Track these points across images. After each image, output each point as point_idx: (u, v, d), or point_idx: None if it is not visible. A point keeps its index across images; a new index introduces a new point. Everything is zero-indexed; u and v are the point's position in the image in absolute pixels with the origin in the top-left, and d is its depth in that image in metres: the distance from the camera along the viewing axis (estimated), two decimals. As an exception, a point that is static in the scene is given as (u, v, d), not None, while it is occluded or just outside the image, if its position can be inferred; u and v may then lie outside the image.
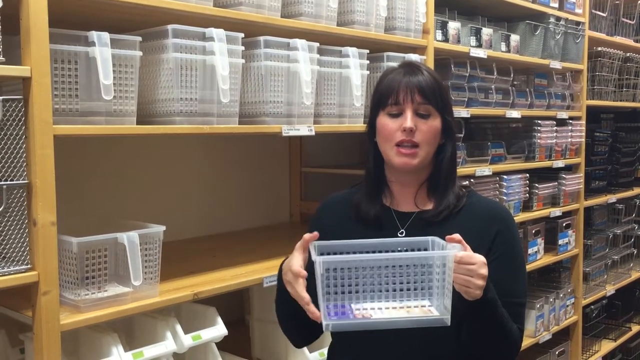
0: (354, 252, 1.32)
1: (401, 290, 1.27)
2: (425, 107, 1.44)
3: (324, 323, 1.23)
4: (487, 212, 1.51)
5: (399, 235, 1.49)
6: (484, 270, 1.26)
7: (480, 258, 1.27)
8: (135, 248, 1.60)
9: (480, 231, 1.47)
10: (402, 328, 1.26)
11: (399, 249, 1.34)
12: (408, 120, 1.42)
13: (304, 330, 1.53)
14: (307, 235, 1.33)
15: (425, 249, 1.32)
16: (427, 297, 1.26)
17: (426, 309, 1.25)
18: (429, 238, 1.32)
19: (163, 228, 1.69)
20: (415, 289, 1.26)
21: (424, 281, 1.25)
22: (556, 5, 3.29)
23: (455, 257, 1.23)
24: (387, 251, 1.33)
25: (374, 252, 1.33)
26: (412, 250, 1.33)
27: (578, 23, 3.48)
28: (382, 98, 1.47)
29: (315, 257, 1.24)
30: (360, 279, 1.26)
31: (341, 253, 1.32)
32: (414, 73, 1.45)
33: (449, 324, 1.23)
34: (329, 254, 1.31)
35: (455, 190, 1.52)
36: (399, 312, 1.25)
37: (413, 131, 1.42)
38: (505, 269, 1.45)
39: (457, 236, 1.27)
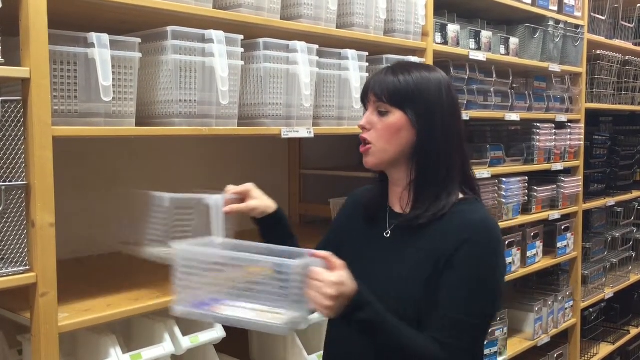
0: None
1: (258, 292, 1.29)
2: (381, 104, 1.45)
3: (174, 308, 1.34)
4: (465, 221, 1.41)
5: (385, 235, 1.50)
6: (331, 290, 1.22)
7: (329, 277, 1.23)
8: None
9: (450, 240, 1.39)
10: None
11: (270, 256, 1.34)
12: (363, 119, 1.48)
13: None
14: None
15: None
16: (285, 305, 1.27)
17: (278, 315, 1.27)
18: (306, 250, 1.32)
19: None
20: (270, 294, 1.28)
21: (275, 287, 1.27)
22: (555, 8, 3.30)
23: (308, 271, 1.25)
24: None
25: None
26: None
27: (577, 26, 3.48)
28: (361, 99, 1.54)
29: (174, 246, 1.34)
30: (215, 274, 1.32)
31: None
32: (382, 73, 1.48)
33: (287, 334, 1.29)
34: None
35: (437, 194, 1.43)
36: (248, 313, 1.29)
37: (366, 129, 1.47)
38: (459, 282, 1.36)
39: (323, 253, 1.28)
